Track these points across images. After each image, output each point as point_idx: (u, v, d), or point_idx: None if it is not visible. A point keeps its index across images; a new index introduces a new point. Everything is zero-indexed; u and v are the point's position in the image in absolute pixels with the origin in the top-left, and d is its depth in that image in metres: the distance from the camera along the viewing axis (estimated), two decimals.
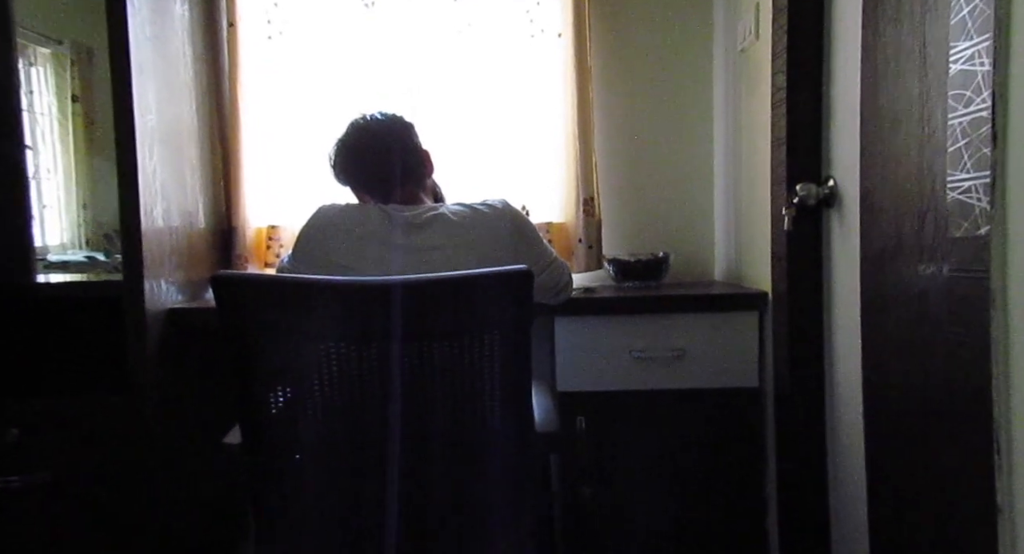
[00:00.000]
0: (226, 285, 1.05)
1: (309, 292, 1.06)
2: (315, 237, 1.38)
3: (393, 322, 1.07)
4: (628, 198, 2.19)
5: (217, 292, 1.05)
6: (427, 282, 1.06)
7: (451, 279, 1.07)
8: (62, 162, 2.04)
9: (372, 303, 1.06)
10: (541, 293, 1.54)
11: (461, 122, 2.13)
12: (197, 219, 1.88)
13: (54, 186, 2.02)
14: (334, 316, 1.07)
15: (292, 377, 1.11)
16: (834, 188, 1.48)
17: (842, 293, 1.46)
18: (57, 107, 2.06)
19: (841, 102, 1.46)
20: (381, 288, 1.05)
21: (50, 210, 2.04)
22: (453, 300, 1.09)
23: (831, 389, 1.52)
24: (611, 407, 1.75)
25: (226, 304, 1.06)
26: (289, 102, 2.08)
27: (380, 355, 1.09)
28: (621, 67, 2.18)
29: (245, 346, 1.09)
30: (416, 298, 1.07)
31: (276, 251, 2.06)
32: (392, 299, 1.05)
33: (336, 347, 1.08)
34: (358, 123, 1.49)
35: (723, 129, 2.10)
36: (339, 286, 1.06)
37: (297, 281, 1.08)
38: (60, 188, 2.02)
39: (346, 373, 1.10)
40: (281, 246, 2.05)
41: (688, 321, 1.74)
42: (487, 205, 1.40)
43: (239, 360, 1.09)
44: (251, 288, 1.07)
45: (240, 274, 1.08)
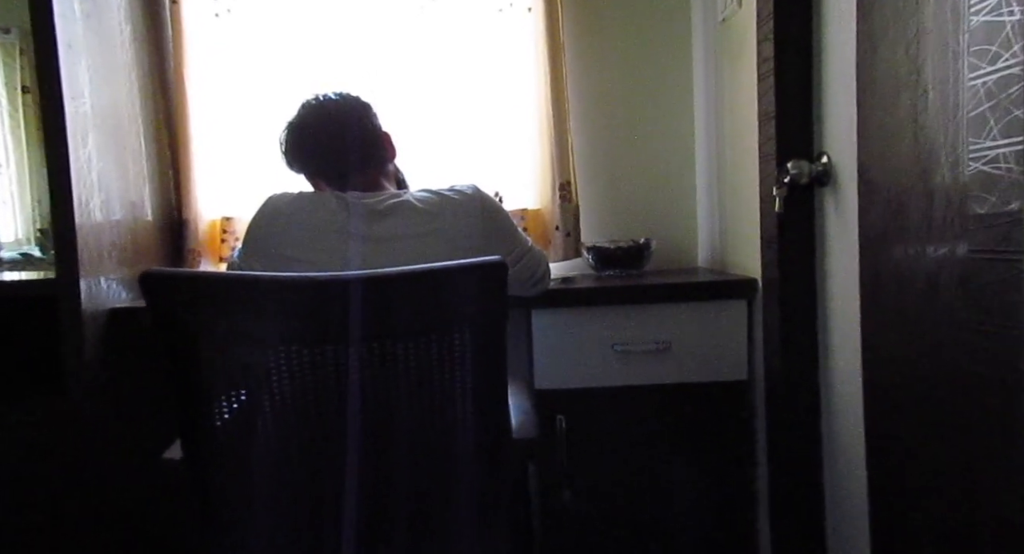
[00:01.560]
0: (157, 284, 0.92)
1: (253, 290, 0.94)
2: (265, 229, 1.26)
3: (350, 321, 0.95)
4: (606, 182, 2.08)
5: (147, 293, 0.92)
6: (388, 277, 0.94)
7: (415, 273, 0.95)
8: (14, 156, 1.98)
9: (325, 301, 0.94)
10: (517, 285, 1.43)
11: (426, 104, 2.00)
12: (143, 212, 1.74)
13: (7, 181, 1.96)
14: (282, 316, 0.94)
15: (237, 386, 0.98)
16: (828, 165, 1.38)
17: (838, 278, 1.37)
18: (7, 98, 1.98)
19: (834, 70, 1.35)
20: (335, 284, 0.93)
21: (4, 205, 1.97)
22: (418, 296, 0.97)
23: (826, 382, 1.43)
24: (592, 405, 1.65)
25: (158, 306, 0.93)
26: (240, 84, 1.94)
27: (336, 359, 0.97)
28: (595, 42, 2.06)
29: (182, 352, 0.96)
30: (375, 294, 0.95)
31: (232, 244, 1.93)
32: (348, 296, 0.93)
33: (286, 351, 0.96)
34: (310, 104, 1.36)
35: (704, 105, 2.00)
36: (287, 283, 0.94)
37: (238, 278, 0.95)
38: (13, 182, 1.97)
39: (299, 380, 0.97)
40: (237, 239, 1.91)
41: (673, 311, 1.64)
42: (455, 191, 1.29)
43: (176, 368, 0.96)
44: (186, 287, 0.94)
45: (172, 271, 0.95)
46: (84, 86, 1.46)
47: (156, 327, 0.94)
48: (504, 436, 1.07)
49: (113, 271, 1.54)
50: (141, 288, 0.90)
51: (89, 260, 1.43)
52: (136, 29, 1.76)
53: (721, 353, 1.64)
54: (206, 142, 1.90)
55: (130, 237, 1.63)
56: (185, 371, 0.96)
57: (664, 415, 1.65)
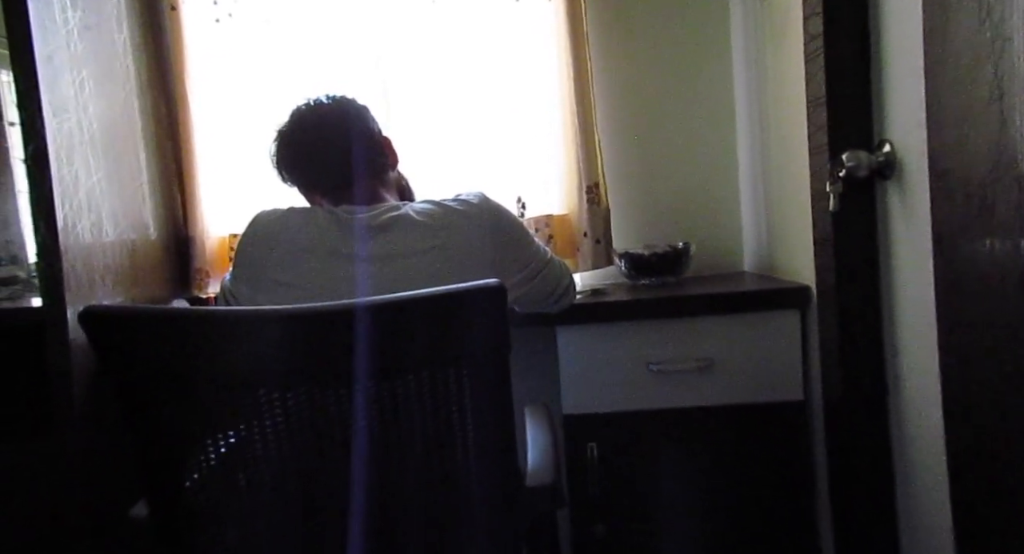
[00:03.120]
0: (102, 324, 0.80)
1: (210, 328, 0.81)
2: (250, 250, 1.14)
3: (324, 361, 0.82)
4: (638, 182, 1.91)
5: (91, 335, 0.80)
6: (363, 308, 0.80)
7: (397, 303, 0.81)
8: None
9: (292, 338, 0.81)
10: (536, 302, 1.28)
11: (440, 104, 1.87)
12: (144, 230, 1.64)
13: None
14: (245, 358, 0.81)
15: (202, 438, 0.86)
16: (891, 154, 1.19)
17: (906, 283, 1.18)
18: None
19: (896, 44, 1.16)
20: (299, 319, 0.80)
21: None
22: (403, 328, 0.83)
23: (896, 402, 1.24)
24: (626, 430, 1.48)
25: (106, 349, 0.81)
26: (246, 91, 1.83)
27: (311, 405, 0.83)
28: (622, 30, 1.89)
29: (138, 401, 0.84)
30: (347, 329, 0.81)
31: None
32: (317, 331, 0.79)
33: (251, 397, 0.83)
34: (300, 110, 1.24)
35: (746, 93, 1.81)
36: (245, 319, 0.81)
37: (195, 315, 0.82)
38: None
39: (270, 430, 0.84)
40: None
41: (715, 325, 1.47)
42: (460, 201, 1.14)
43: (132, 419, 0.84)
44: (138, 327, 0.82)
45: (121, 309, 0.83)
46: (69, 101, 1.36)
47: (106, 372, 0.82)
48: (514, 486, 0.92)
49: (108, 296, 1.45)
50: (83, 329, 0.79)
51: (77, 285, 1.34)
52: (134, 37, 1.66)
53: (772, 370, 1.46)
54: (211, 154, 1.80)
55: (128, 258, 1.54)
56: (143, 422, 0.84)
57: (707, 441, 1.47)
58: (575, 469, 1.48)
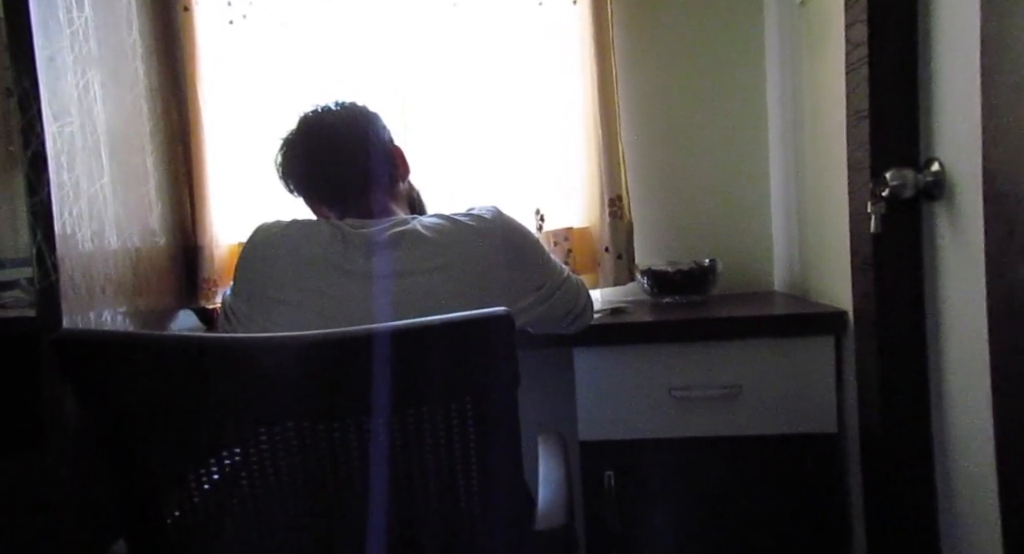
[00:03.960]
0: (76, 352, 0.74)
1: (200, 358, 0.74)
2: (249, 266, 1.08)
3: (303, 396, 0.75)
4: (663, 195, 1.83)
5: (62, 364, 0.73)
6: (355, 338, 0.73)
7: (393, 332, 0.74)
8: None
9: (280, 370, 0.74)
10: (551, 324, 1.21)
11: (458, 112, 1.80)
12: (151, 238, 1.59)
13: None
14: (236, 391, 0.75)
15: (185, 476, 0.79)
16: (940, 174, 1.10)
17: (955, 310, 1.09)
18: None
19: (947, 56, 1.07)
20: (283, 348, 0.73)
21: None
22: (400, 359, 0.76)
23: (942, 439, 1.14)
24: (646, 459, 1.40)
25: (81, 378, 0.75)
26: (259, 96, 1.78)
27: (301, 442, 0.76)
28: (649, 36, 1.81)
29: (117, 435, 0.77)
30: (344, 359, 0.74)
31: None
32: (302, 362, 0.73)
33: (241, 431, 0.76)
34: (307, 117, 1.18)
35: (780, 105, 1.72)
36: (237, 348, 0.74)
37: (183, 344, 0.76)
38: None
39: (258, 468, 0.78)
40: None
41: (743, 349, 1.38)
42: (472, 215, 1.07)
43: (110, 455, 0.78)
44: (119, 356, 0.75)
45: (91, 335, 0.76)
46: (71, 103, 1.32)
47: (81, 403, 0.75)
48: (523, 532, 0.84)
49: (108, 306, 1.40)
50: (55, 356, 0.72)
51: (75, 295, 1.29)
52: (144, 39, 1.62)
53: (804, 400, 1.37)
54: (223, 160, 1.75)
55: (131, 267, 1.49)
56: (121, 457, 0.78)
57: (732, 473, 1.38)
58: (590, 498, 1.40)
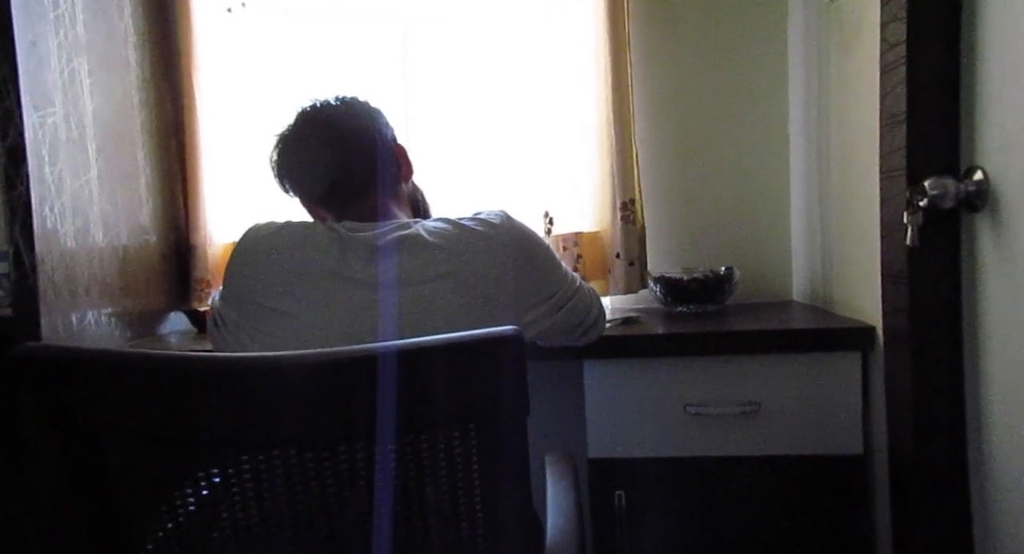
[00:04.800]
0: (41, 370, 0.66)
1: (172, 381, 0.67)
2: (239, 271, 1.00)
3: (302, 420, 0.67)
4: (678, 200, 1.75)
5: (25, 381, 0.66)
6: (349, 359, 0.65)
7: (393, 352, 0.66)
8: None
9: (267, 394, 0.66)
10: (562, 335, 1.13)
11: (465, 110, 1.72)
12: (142, 236, 1.52)
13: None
14: (214, 416, 0.67)
15: (159, 507, 0.72)
16: (984, 183, 1.02)
17: (998, 328, 1.01)
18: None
19: (994, 57, 0.99)
20: (284, 370, 0.65)
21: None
22: (399, 382, 0.68)
23: (979, 464, 1.07)
24: (659, 479, 1.32)
25: (43, 398, 0.67)
26: (258, 88, 1.71)
27: (287, 471, 0.69)
28: (667, 33, 1.73)
29: (84, 461, 0.70)
30: (340, 383, 0.67)
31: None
32: (289, 385, 0.65)
33: (218, 461, 0.69)
34: (305, 112, 1.10)
35: (803, 108, 1.64)
36: (216, 368, 0.66)
37: (152, 364, 0.68)
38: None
39: (240, 500, 0.70)
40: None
41: (764, 364, 1.30)
42: (480, 220, 1.00)
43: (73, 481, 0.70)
44: (85, 376, 0.68)
45: (65, 352, 0.69)
46: (55, 92, 1.24)
47: (45, 424, 0.68)
48: None
49: (93, 307, 1.32)
50: (12, 371, 0.65)
51: (56, 296, 1.22)
52: (137, 25, 1.55)
53: (827, 419, 1.29)
54: (219, 154, 1.68)
55: (118, 266, 1.42)
56: (90, 483, 0.70)
57: (750, 496, 1.31)
58: (600, 519, 1.33)
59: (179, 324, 1.65)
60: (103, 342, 1.34)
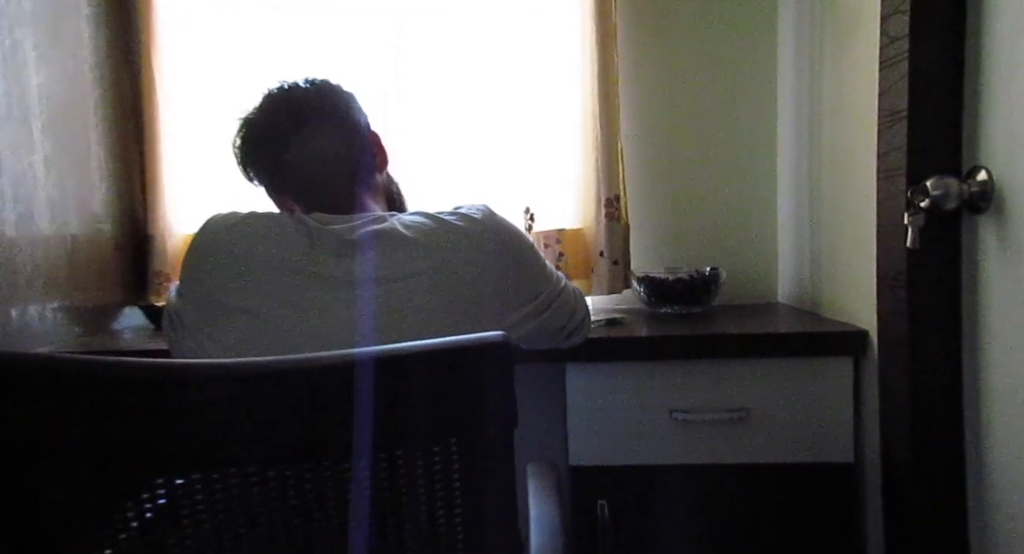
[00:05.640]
0: None
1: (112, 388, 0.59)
2: (198, 265, 0.92)
3: (261, 434, 0.60)
4: (664, 197, 1.70)
5: None
6: (318, 366, 0.58)
7: (369, 360, 0.59)
8: None
9: (223, 406, 0.59)
10: (546, 338, 1.07)
11: (444, 99, 1.65)
12: (95, 225, 1.42)
13: None
14: (159, 429, 0.59)
15: (95, 530, 0.63)
16: (987, 184, 0.98)
17: (1000, 333, 0.97)
18: None
19: (1000, 52, 0.95)
20: (229, 379, 0.58)
21: None
22: (376, 392, 0.61)
23: (979, 473, 1.03)
24: (644, 488, 1.27)
25: None
26: (225, 67, 1.61)
27: (245, 492, 0.61)
28: (655, 23, 1.68)
29: (18, 480, 0.62)
30: (303, 392, 0.59)
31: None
32: (252, 398, 0.58)
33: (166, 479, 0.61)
34: (272, 95, 1.02)
35: (793, 103, 1.60)
36: (164, 376, 0.58)
37: (89, 369, 0.60)
38: None
39: (191, 522, 0.62)
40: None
41: (753, 368, 1.25)
42: (459, 215, 0.93)
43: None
44: (18, 382, 0.59)
45: None
46: None
47: None
48: None
49: (37, 301, 1.22)
50: None
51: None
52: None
53: (818, 426, 1.25)
54: (182, 137, 1.57)
55: (67, 257, 1.31)
56: (13, 503, 0.62)
57: (739, 504, 1.26)
58: (582, 530, 1.27)
59: (135, 320, 1.55)
60: (48, 338, 1.24)
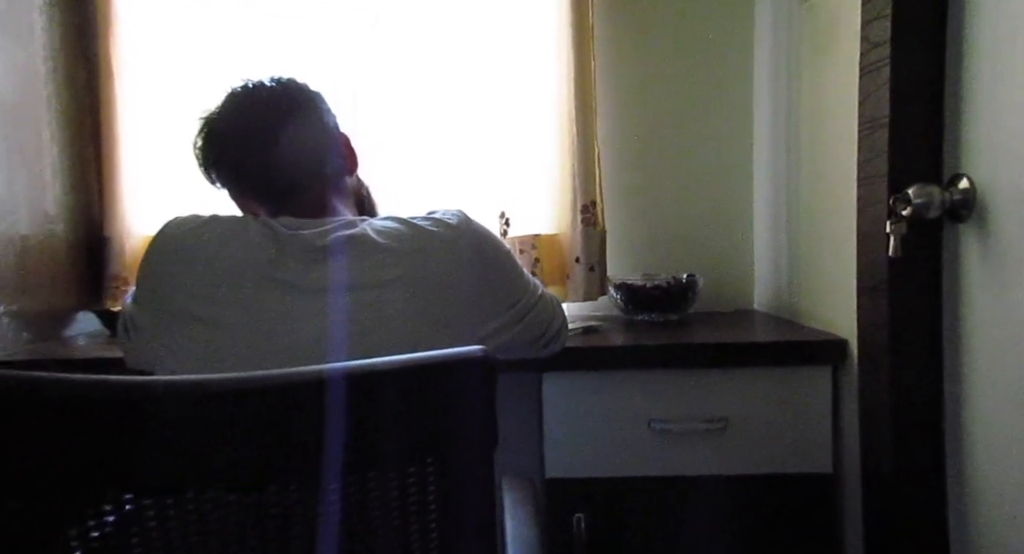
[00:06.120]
0: None
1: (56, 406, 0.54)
2: (156, 271, 0.87)
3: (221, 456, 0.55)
4: (641, 202, 1.67)
5: None
6: (285, 384, 0.54)
7: (340, 376, 0.55)
8: None
9: (178, 425, 0.54)
10: (522, 347, 1.04)
11: (416, 101, 1.60)
12: (46, 225, 1.35)
13: None
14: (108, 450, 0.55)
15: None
16: (969, 192, 0.97)
17: (982, 343, 0.96)
18: None
19: (983, 59, 0.94)
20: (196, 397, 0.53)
21: None
22: (347, 410, 0.57)
23: (959, 485, 1.02)
24: (621, 500, 1.24)
25: None
26: (188, 62, 1.54)
27: (201, 518, 0.57)
28: (633, 23, 1.65)
29: None
30: (267, 410, 0.55)
31: None
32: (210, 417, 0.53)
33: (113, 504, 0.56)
34: (236, 93, 0.96)
35: (770, 109, 1.58)
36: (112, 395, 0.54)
37: (29, 385, 0.55)
38: None
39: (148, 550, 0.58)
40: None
41: (731, 378, 1.23)
42: (434, 220, 0.89)
43: None
44: None
45: None
46: None
47: None
48: None
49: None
50: None
51: None
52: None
53: (797, 436, 1.23)
54: (141, 135, 1.51)
55: (15, 259, 1.25)
56: None
57: (718, 516, 1.24)
58: (557, 545, 1.23)
59: (89, 326, 1.48)
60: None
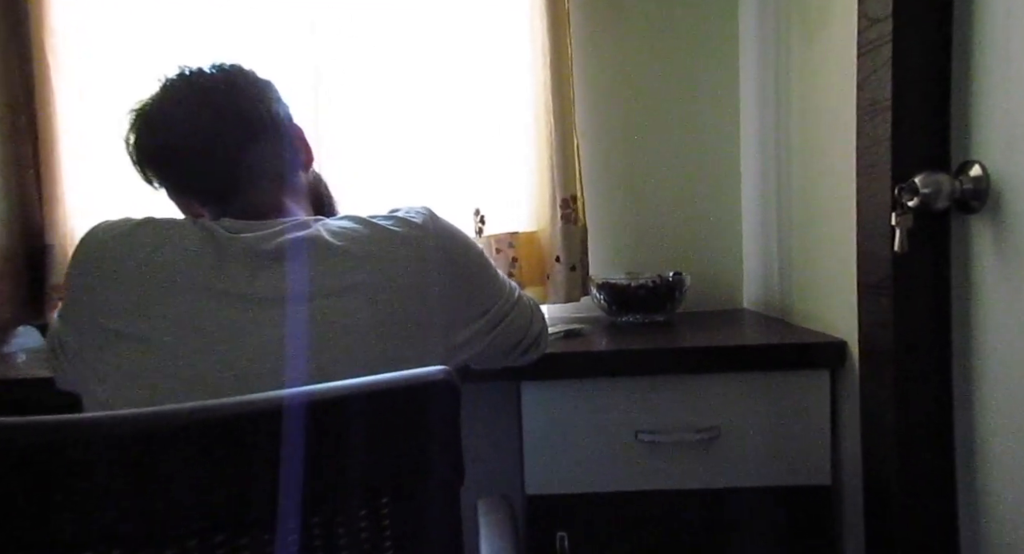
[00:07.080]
0: None
1: None
2: (79, 284, 0.77)
3: (160, 504, 0.46)
4: (623, 197, 1.59)
5: None
6: (231, 415, 0.44)
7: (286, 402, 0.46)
8: None
9: (103, 470, 0.45)
10: (499, 356, 0.95)
11: (384, 92, 1.50)
12: None
13: None
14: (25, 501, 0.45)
15: None
16: (982, 180, 0.89)
17: (997, 344, 0.89)
18: None
19: (995, 35, 0.87)
20: (124, 438, 0.44)
21: None
22: (303, 444, 0.48)
23: (971, 495, 0.94)
24: (607, 517, 1.15)
25: None
26: (133, 56, 1.44)
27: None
28: (610, 16, 1.57)
29: None
30: (213, 449, 0.45)
31: None
32: (150, 459, 0.44)
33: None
34: (172, 82, 0.86)
35: (758, 98, 1.51)
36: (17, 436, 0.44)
37: None
38: None
39: None
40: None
41: (723, 384, 1.15)
42: (397, 219, 0.80)
43: None
44: None
45: None
46: None
47: None
48: None
49: None
50: None
51: None
52: None
53: (793, 446, 1.15)
54: (82, 136, 1.40)
55: None
56: None
57: (710, 532, 1.15)
58: None
59: (30, 341, 1.36)
60: None
